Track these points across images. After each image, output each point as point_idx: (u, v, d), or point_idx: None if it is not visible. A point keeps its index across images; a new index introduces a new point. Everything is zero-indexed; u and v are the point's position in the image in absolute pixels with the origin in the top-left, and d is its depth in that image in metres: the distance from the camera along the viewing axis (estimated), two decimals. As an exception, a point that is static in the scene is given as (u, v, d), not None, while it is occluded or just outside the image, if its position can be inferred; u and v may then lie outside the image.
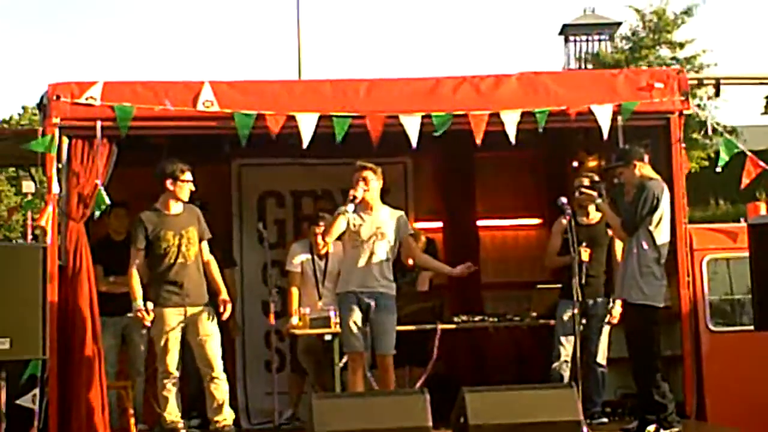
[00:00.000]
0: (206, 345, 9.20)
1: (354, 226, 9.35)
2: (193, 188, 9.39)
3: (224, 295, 9.34)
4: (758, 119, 40.17)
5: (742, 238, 9.72)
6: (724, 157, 10.54)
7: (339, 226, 9.31)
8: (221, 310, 9.28)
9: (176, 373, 9.12)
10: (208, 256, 9.41)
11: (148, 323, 9.12)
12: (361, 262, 9.34)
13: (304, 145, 9.80)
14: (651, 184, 9.02)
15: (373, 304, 9.28)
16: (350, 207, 9.30)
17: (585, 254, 9.93)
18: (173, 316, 9.12)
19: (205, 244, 9.41)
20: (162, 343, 9.11)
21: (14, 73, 77.43)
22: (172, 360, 9.10)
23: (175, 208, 9.33)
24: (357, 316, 9.26)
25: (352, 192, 9.33)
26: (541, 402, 8.19)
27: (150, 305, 9.06)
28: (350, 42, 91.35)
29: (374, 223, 9.38)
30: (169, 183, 9.29)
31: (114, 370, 10.32)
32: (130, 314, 9.32)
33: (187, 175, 9.33)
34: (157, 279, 9.21)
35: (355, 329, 9.25)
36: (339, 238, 9.43)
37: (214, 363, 9.18)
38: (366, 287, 9.31)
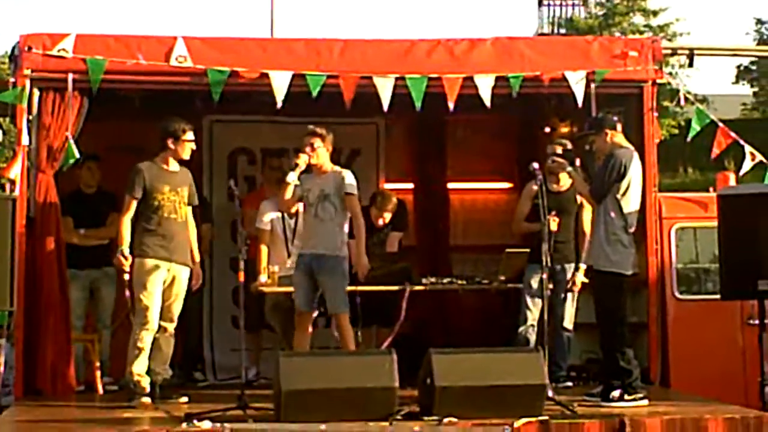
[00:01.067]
0: (175, 303, 9.21)
1: (305, 191, 9.46)
2: (194, 148, 9.34)
3: (198, 267, 9.41)
4: (729, 88, 40.41)
5: (711, 208, 9.78)
6: (695, 127, 10.63)
7: (288, 195, 9.47)
8: (194, 282, 9.34)
9: (155, 326, 9.03)
10: (191, 222, 9.38)
11: (126, 268, 8.99)
12: (309, 226, 9.53)
13: (278, 103, 9.79)
14: (619, 152, 9.02)
15: (317, 265, 9.39)
16: (292, 176, 9.36)
17: (554, 224, 9.95)
18: (159, 269, 9.04)
19: (190, 210, 9.37)
20: (144, 295, 8.97)
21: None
22: (152, 312, 8.99)
23: (173, 166, 9.27)
24: (303, 277, 9.46)
25: (294, 160, 9.38)
26: (507, 365, 8.22)
27: (126, 250, 8.97)
28: (324, 2, 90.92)
29: (320, 186, 9.44)
30: (170, 142, 9.20)
31: (81, 323, 10.32)
32: (120, 257, 9.07)
33: (189, 135, 9.25)
34: (146, 231, 9.08)
35: (299, 289, 9.47)
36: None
37: (175, 319, 9.23)
38: (311, 249, 9.46)
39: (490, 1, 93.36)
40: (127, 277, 9.13)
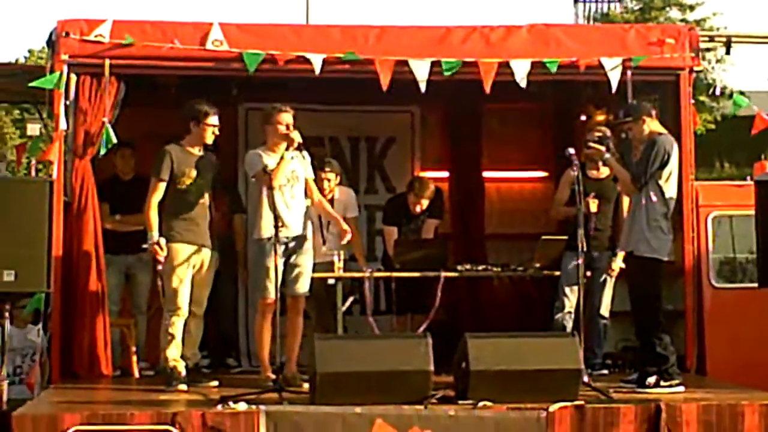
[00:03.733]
0: (205, 287, 9.26)
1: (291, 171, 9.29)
2: (217, 133, 9.29)
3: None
4: (766, 85, 40.18)
5: (749, 196, 9.70)
6: (739, 103, 10.69)
7: (285, 170, 9.18)
8: None
9: (185, 311, 9.06)
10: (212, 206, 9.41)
11: (161, 257, 8.99)
12: (294, 205, 9.30)
13: (317, 71, 9.73)
14: (662, 139, 8.97)
15: (297, 246, 9.31)
16: (290, 154, 9.18)
17: (593, 205, 9.94)
18: (187, 253, 9.07)
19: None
20: (173, 279, 9.01)
21: (20, 16, 77.27)
22: (183, 297, 9.03)
23: (198, 150, 9.29)
24: (280, 261, 9.04)
25: (294, 140, 9.13)
26: (542, 350, 8.21)
27: (163, 241, 8.98)
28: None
29: (289, 168, 9.28)
30: (192, 125, 9.23)
31: (117, 308, 10.36)
32: (144, 246, 9.14)
33: (212, 119, 9.21)
34: (174, 214, 9.10)
35: (275, 275, 9.05)
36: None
37: (203, 304, 9.28)
38: (295, 231, 9.30)
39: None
40: (160, 267, 9.13)
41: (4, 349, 8.90)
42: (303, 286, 9.38)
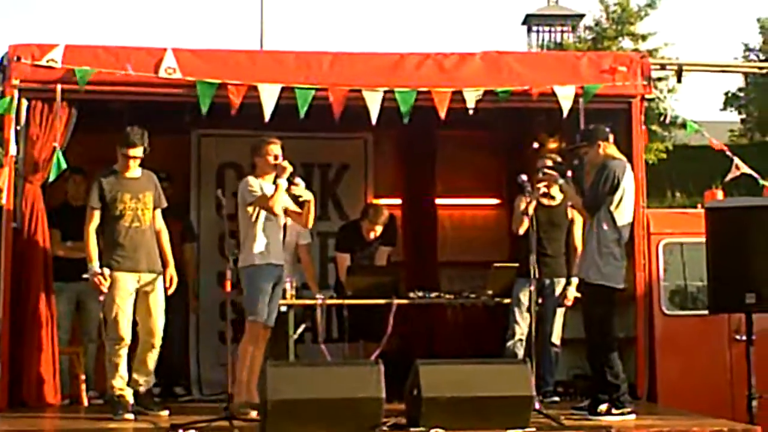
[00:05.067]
0: (153, 314, 9.10)
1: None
2: (132, 164, 9.15)
3: (171, 269, 9.24)
4: (717, 115, 40.63)
5: (699, 224, 9.75)
6: (690, 127, 10.98)
7: (280, 197, 9.30)
8: (167, 284, 9.20)
9: (128, 340, 8.95)
10: (160, 225, 9.26)
11: (104, 289, 8.92)
12: (276, 236, 9.40)
13: (266, 116, 9.76)
14: (613, 164, 8.98)
15: (280, 276, 9.38)
16: (283, 181, 9.28)
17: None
18: (127, 281, 8.96)
19: (158, 213, 9.29)
20: (114, 308, 8.91)
21: (-28, 45, 76.71)
22: (124, 326, 8.91)
23: (134, 172, 9.20)
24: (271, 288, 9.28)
25: (284, 168, 9.25)
26: (494, 376, 8.18)
27: (107, 271, 8.90)
28: (314, 15, 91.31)
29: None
30: (118, 149, 9.19)
31: (67, 336, 10.24)
32: (85, 275, 9.05)
33: (133, 151, 9.09)
34: (111, 242, 9.02)
35: (267, 301, 9.25)
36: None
37: (156, 333, 9.11)
38: (281, 260, 9.42)
39: (478, 27, 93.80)
40: (101, 297, 9.04)
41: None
42: (273, 316, 9.40)
